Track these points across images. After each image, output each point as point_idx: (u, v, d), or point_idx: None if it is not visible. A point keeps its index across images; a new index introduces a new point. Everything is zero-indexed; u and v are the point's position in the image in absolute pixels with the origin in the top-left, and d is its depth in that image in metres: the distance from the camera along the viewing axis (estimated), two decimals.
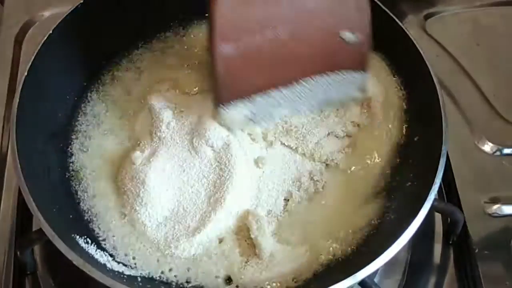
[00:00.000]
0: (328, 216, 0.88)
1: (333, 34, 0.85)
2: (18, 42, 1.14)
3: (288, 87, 0.88)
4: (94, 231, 0.86)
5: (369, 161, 0.93)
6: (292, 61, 0.86)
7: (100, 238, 0.85)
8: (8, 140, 0.99)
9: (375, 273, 0.83)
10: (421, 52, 0.94)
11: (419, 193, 0.84)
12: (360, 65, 0.90)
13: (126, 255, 0.84)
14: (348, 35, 0.86)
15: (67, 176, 0.91)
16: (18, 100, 0.85)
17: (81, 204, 0.88)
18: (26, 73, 0.87)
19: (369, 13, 0.85)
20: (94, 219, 0.87)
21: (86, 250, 0.81)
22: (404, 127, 0.96)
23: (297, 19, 0.83)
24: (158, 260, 0.84)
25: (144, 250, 0.84)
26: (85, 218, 0.87)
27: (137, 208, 0.86)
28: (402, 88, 0.98)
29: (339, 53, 0.87)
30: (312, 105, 0.92)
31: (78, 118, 0.97)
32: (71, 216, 0.86)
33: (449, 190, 1.00)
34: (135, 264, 0.83)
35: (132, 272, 0.82)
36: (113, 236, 0.85)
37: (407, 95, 0.98)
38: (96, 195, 0.89)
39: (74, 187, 0.90)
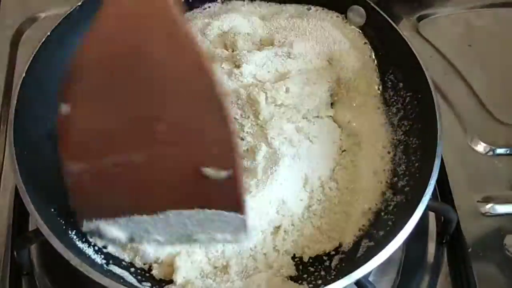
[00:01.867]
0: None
1: (193, 167, 0.74)
2: (15, 43, 1.14)
3: (152, 215, 0.78)
4: None
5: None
6: (154, 190, 0.77)
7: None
8: (5, 140, 1.00)
9: (369, 272, 0.84)
10: (415, 53, 0.95)
11: (413, 194, 0.85)
12: (233, 206, 0.77)
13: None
14: (210, 172, 0.74)
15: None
16: (16, 100, 0.85)
17: None
18: (24, 74, 0.87)
19: (235, 147, 0.74)
20: None
21: (83, 250, 0.82)
22: (398, 127, 0.97)
23: (152, 147, 0.73)
24: None
25: None
26: None
27: None
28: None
29: (204, 189, 0.76)
30: (184, 236, 0.81)
31: None
32: (68, 216, 0.85)
33: (442, 189, 1.01)
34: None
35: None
36: None
37: (401, 96, 0.98)
38: None
39: None
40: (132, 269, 0.83)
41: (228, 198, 0.77)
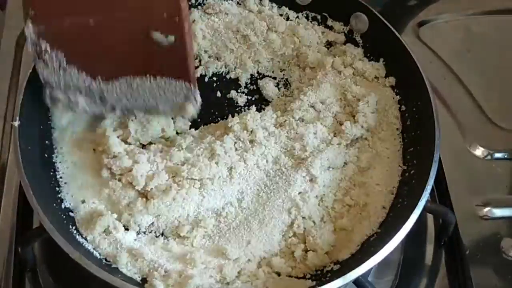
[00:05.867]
0: None
1: (145, 33, 0.81)
2: (20, 44, 1.15)
3: (106, 82, 0.86)
4: None
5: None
6: (108, 56, 0.84)
7: None
8: (10, 138, 1.01)
9: (368, 272, 0.85)
10: (415, 59, 0.96)
11: (411, 197, 0.86)
12: (181, 73, 0.84)
13: None
14: (159, 36, 0.81)
15: None
16: (22, 97, 0.87)
17: None
18: (31, 70, 0.88)
19: (183, 14, 0.80)
20: None
21: (84, 245, 0.83)
22: (397, 132, 0.98)
23: (106, 9, 0.81)
24: None
25: None
26: None
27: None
28: (397, 94, 1.01)
29: (155, 56, 0.83)
30: (139, 106, 0.88)
31: None
32: (70, 212, 0.87)
33: (441, 192, 1.02)
34: None
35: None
36: None
37: (401, 100, 1.00)
38: None
39: None
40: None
41: (177, 66, 0.83)
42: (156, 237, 0.87)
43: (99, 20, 0.81)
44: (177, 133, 0.96)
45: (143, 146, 0.94)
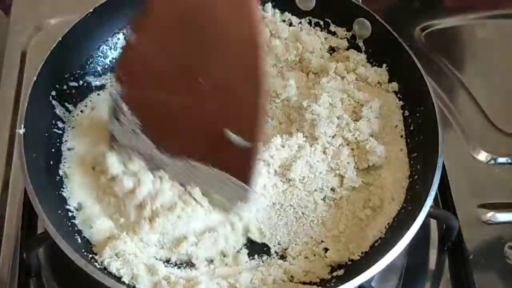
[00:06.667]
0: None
1: (220, 127, 0.81)
2: (25, 49, 1.16)
3: (170, 157, 0.87)
4: None
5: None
6: (181, 135, 0.85)
7: None
8: (13, 143, 1.02)
9: (372, 277, 0.85)
10: (418, 64, 0.96)
11: (415, 203, 0.86)
12: (243, 176, 0.85)
13: None
14: (232, 136, 0.81)
15: None
16: (26, 105, 0.87)
17: None
18: (35, 77, 0.89)
19: (262, 124, 0.80)
20: None
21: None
22: (401, 136, 0.98)
23: (191, 94, 0.82)
24: None
25: None
26: None
27: None
28: (400, 99, 1.01)
29: (224, 152, 0.83)
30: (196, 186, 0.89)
31: None
32: (75, 219, 0.88)
33: (444, 197, 1.02)
34: None
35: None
36: None
37: (404, 106, 1.00)
38: None
39: None
40: None
41: (241, 168, 0.84)
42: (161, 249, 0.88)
43: (184, 102, 0.82)
44: None
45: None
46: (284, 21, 1.10)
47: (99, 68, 1.02)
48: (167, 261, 0.87)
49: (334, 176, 0.93)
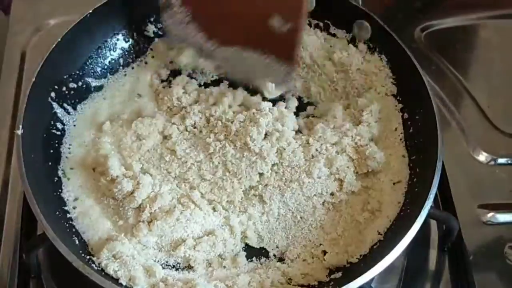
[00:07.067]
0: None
1: (267, 14, 0.89)
2: (24, 49, 1.16)
3: (220, 45, 0.96)
4: None
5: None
6: (229, 23, 0.93)
7: None
8: (14, 147, 1.01)
9: (371, 280, 0.85)
10: (417, 66, 0.96)
11: (415, 205, 0.86)
12: (288, 56, 0.93)
13: None
14: (279, 21, 0.89)
15: None
16: (24, 106, 0.87)
17: None
18: (34, 78, 0.89)
19: (303, 5, 0.88)
20: None
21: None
22: (401, 139, 0.98)
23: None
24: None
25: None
26: None
27: None
28: (399, 102, 1.00)
29: (270, 36, 0.91)
30: (239, 73, 0.99)
31: None
32: (73, 220, 0.88)
33: (444, 198, 1.02)
34: None
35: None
36: None
37: (404, 108, 1.00)
38: None
39: None
40: None
41: (286, 50, 0.92)
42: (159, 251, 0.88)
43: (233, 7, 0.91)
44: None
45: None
46: None
47: (98, 69, 1.02)
48: (165, 263, 0.87)
49: (333, 181, 0.93)
